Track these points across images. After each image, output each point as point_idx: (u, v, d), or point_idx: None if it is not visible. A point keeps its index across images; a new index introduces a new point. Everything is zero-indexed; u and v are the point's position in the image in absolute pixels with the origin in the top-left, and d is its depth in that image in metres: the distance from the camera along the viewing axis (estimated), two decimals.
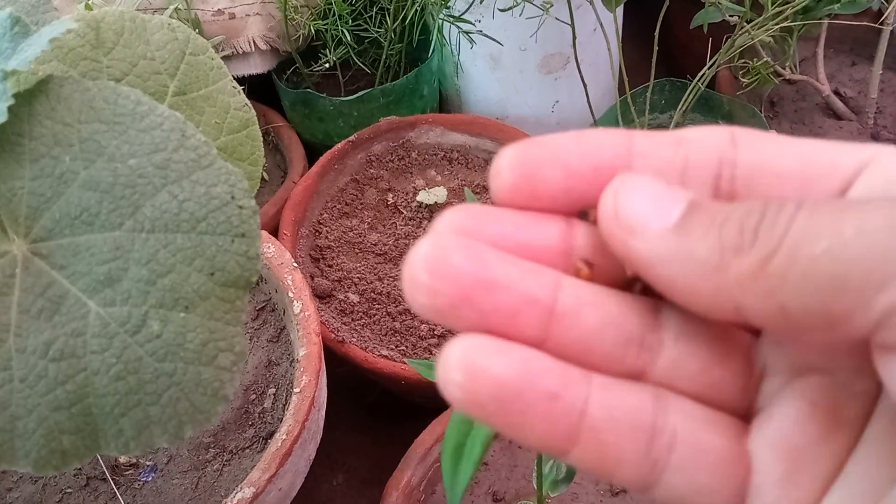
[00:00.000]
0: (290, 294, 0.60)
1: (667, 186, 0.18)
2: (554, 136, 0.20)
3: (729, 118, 0.83)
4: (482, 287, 0.17)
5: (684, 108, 0.76)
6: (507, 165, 0.19)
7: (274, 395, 0.60)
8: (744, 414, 0.19)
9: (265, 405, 0.59)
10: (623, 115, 0.79)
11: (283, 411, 0.59)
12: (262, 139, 0.45)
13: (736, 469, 0.18)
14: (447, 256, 0.17)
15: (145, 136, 0.33)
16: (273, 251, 0.63)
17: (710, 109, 0.84)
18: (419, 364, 0.47)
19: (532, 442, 0.18)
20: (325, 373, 0.61)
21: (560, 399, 0.17)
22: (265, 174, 0.84)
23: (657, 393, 0.18)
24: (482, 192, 0.81)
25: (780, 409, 0.18)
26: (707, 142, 0.19)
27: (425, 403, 0.72)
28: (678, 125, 0.77)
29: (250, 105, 0.45)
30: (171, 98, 0.42)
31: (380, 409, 0.85)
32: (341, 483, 0.81)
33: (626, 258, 0.18)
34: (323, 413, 0.60)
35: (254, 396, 0.60)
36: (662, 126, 0.86)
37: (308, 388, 0.55)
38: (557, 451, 0.18)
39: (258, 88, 0.90)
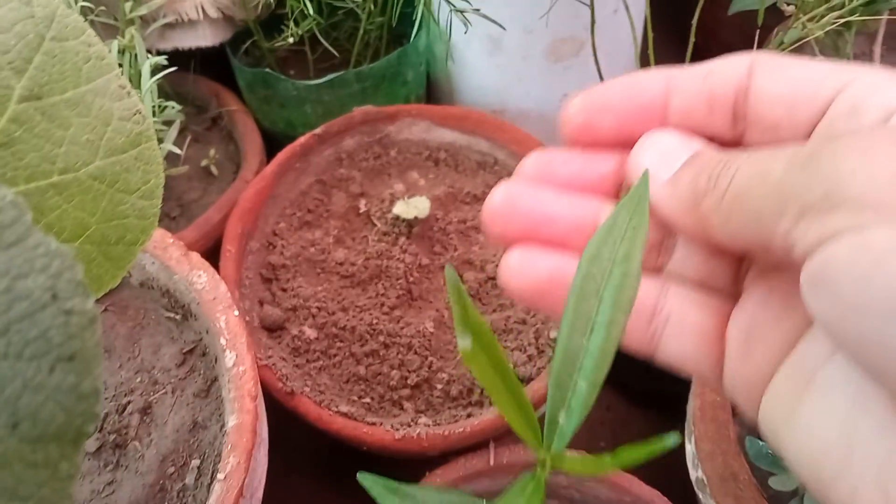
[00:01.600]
0: (223, 341, 0.47)
1: (677, 141, 0.24)
2: (608, 84, 0.25)
3: None
4: (543, 223, 0.25)
5: None
6: (574, 112, 0.25)
7: (198, 468, 0.47)
8: (736, 298, 0.24)
9: (186, 481, 0.47)
10: None
11: (209, 491, 0.46)
12: (160, 161, 0.32)
13: (717, 344, 0.24)
14: (516, 201, 0.25)
15: None
16: (205, 281, 0.50)
17: None
18: (375, 485, 0.34)
19: (559, 318, 0.24)
20: (264, 445, 0.48)
21: None
22: (214, 168, 0.70)
23: (664, 283, 0.25)
24: (472, 202, 0.67)
25: (749, 293, 0.23)
26: (727, 73, 0.23)
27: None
28: None
29: (144, 113, 0.31)
30: (17, 105, 0.28)
31: (343, 450, 0.72)
32: None
33: None
34: (258, 498, 0.47)
35: (172, 470, 0.47)
36: None
37: (235, 474, 0.43)
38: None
39: (213, 60, 0.76)
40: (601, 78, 0.65)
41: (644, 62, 0.64)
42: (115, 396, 0.50)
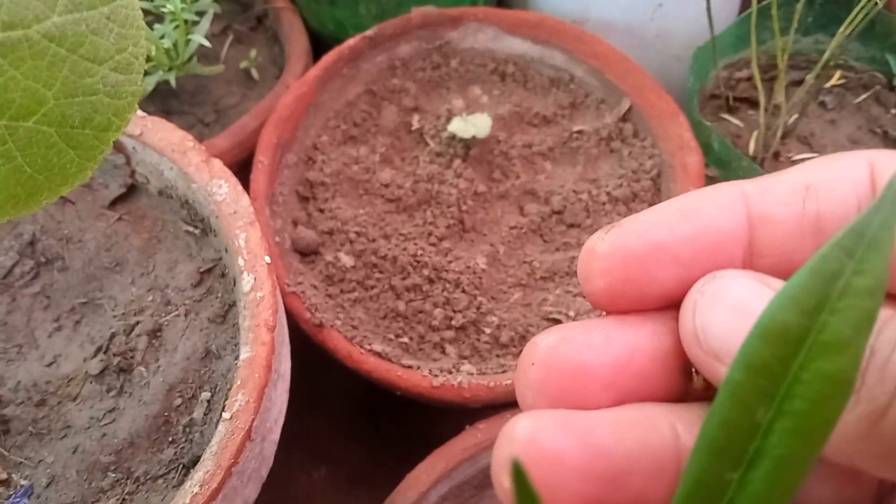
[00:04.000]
0: (241, 261, 0.41)
1: (754, 291, 0.16)
2: (652, 217, 0.17)
3: None
4: (600, 475, 0.16)
5: (847, 33, 0.52)
6: (600, 269, 0.17)
7: (208, 402, 0.42)
8: None
9: (194, 415, 0.41)
10: (756, 32, 0.55)
11: (217, 428, 0.41)
12: (141, 25, 0.25)
13: None
14: (550, 439, 0.16)
15: None
16: (226, 193, 0.43)
17: (876, 37, 0.60)
18: None
19: None
20: (283, 382, 0.42)
21: None
22: (255, 72, 0.63)
23: None
24: (541, 125, 0.59)
25: None
26: (840, 188, 0.16)
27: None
28: (833, 56, 0.53)
29: None
30: None
31: (378, 390, 0.67)
32: (323, 477, 0.65)
33: (715, 381, 0.16)
34: (272, 440, 0.42)
35: (179, 401, 0.42)
36: (802, 53, 0.62)
37: (243, 414, 0.37)
38: None
39: None
40: None
41: None
42: (125, 315, 0.44)
